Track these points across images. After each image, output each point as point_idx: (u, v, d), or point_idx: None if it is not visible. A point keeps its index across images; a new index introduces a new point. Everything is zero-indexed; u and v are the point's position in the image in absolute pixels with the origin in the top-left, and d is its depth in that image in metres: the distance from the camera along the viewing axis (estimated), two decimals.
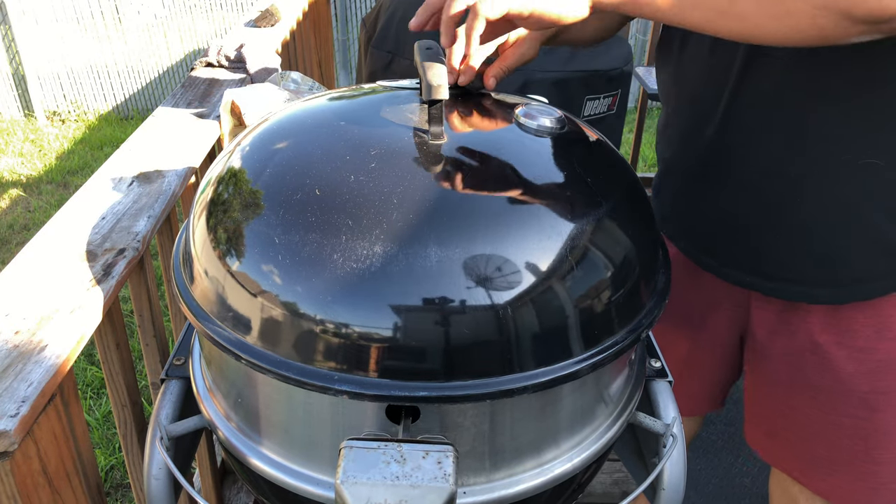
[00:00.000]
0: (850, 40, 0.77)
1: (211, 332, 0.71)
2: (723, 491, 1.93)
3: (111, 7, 5.33)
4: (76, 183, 4.21)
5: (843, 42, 0.77)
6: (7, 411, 0.74)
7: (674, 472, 0.85)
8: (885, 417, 1.05)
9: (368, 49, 1.98)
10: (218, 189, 0.77)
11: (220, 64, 1.93)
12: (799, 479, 1.17)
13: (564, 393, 0.74)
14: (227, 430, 0.81)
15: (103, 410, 2.39)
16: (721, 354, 1.24)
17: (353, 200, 0.68)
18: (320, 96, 0.90)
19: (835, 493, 1.14)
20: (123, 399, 1.08)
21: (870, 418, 1.06)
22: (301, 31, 2.66)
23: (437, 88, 0.75)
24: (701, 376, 1.29)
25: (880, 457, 1.08)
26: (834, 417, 1.08)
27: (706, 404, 1.34)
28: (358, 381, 0.65)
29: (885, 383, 1.03)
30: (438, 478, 0.60)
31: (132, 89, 5.61)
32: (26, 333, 0.86)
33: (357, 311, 0.64)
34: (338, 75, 4.93)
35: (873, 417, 1.05)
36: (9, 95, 5.45)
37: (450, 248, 0.65)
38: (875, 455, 1.08)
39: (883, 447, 1.08)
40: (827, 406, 1.07)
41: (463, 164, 0.75)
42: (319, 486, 0.74)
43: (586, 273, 0.70)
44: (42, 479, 0.81)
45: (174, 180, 1.26)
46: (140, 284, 1.12)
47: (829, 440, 1.10)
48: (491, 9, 0.77)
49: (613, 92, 1.94)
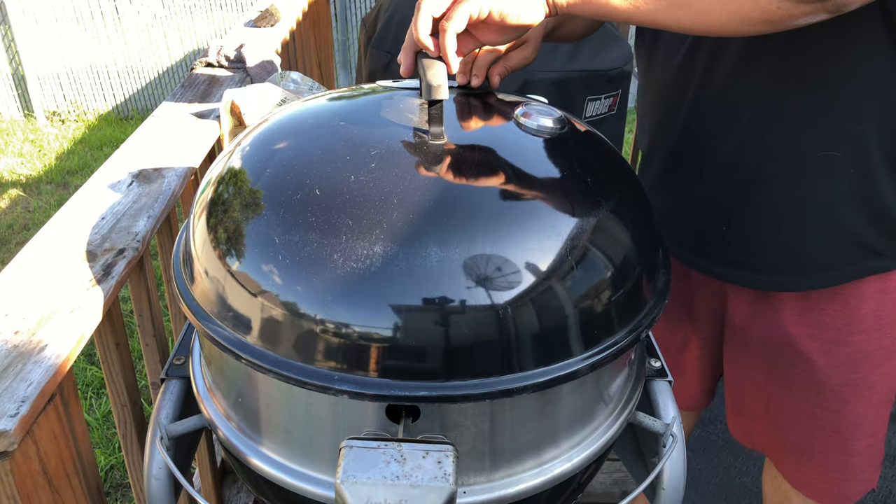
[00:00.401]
0: (796, 22, 0.78)
1: (211, 332, 0.71)
2: (723, 491, 1.93)
3: (111, 7, 5.33)
4: (76, 183, 4.21)
5: (790, 25, 0.79)
6: (7, 411, 0.74)
7: (674, 471, 0.85)
8: (857, 409, 1.07)
9: (368, 49, 1.98)
10: (218, 189, 0.77)
11: (220, 64, 1.93)
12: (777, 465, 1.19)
13: (564, 393, 0.74)
14: (227, 429, 0.81)
15: (103, 410, 2.39)
16: (705, 346, 1.26)
17: (354, 200, 0.68)
18: (320, 96, 0.90)
19: (808, 483, 1.16)
20: (123, 399, 1.08)
21: (841, 410, 1.07)
22: (301, 31, 2.66)
23: (437, 88, 0.75)
24: (689, 370, 1.30)
25: (853, 448, 1.11)
26: (807, 408, 1.09)
27: (696, 399, 1.35)
28: (358, 380, 0.65)
29: (857, 376, 1.05)
30: (438, 477, 0.60)
31: (132, 89, 5.61)
32: (26, 333, 0.86)
33: (357, 311, 0.64)
34: (338, 75, 4.93)
35: (845, 409, 1.07)
36: (9, 95, 5.45)
37: (450, 248, 0.65)
38: (848, 446, 1.10)
39: (855, 438, 1.10)
40: (800, 397, 1.09)
41: (463, 164, 0.75)
42: (319, 485, 0.74)
43: (586, 273, 0.70)
44: (42, 478, 0.81)
45: (174, 180, 1.26)
46: (140, 284, 1.12)
47: (803, 429, 1.12)
48: (456, 22, 0.79)
49: (614, 92, 1.94)
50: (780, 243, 1.01)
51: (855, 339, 1.02)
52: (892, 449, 2.03)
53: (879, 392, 1.07)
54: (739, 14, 0.78)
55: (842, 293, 1.00)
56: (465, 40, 0.86)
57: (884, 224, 0.96)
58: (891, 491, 1.91)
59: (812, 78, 0.91)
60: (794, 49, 0.89)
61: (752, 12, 0.77)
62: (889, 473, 1.96)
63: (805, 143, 0.93)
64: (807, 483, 1.16)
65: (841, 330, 1.02)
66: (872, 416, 1.08)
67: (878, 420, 1.10)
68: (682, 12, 0.80)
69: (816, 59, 0.89)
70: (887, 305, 1.01)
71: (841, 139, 0.92)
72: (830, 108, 0.91)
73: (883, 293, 1.00)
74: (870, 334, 1.02)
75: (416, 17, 0.80)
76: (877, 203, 0.95)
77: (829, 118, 0.91)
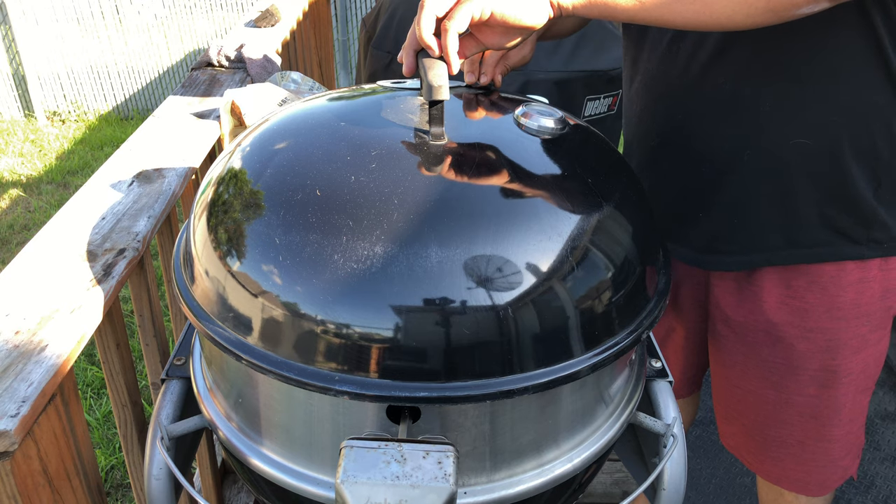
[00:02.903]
0: (798, 11, 0.80)
1: (212, 333, 0.71)
2: (723, 491, 1.93)
3: (111, 7, 5.33)
4: (76, 183, 4.21)
5: (794, 15, 0.80)
6: (7, 411, 0.74)
7: (674, 472, 0.85)
8: (835, 394, 1.09)
9: (368, 49, 1.98)
10: (218, 189, 0.77)
11: (220, 64, 1.93)
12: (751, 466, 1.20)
13: (565, 393, 0.74)
14: (227, 430, 0.81)
15: (104, 410, 2.39)
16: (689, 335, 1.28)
17: (354, 201, 0.68)
18: (320, 96, 0.90)
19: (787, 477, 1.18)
20: (124, 399, 1.08)
21: (820, 395, 1.09)
22: (301, 31, 2.66)
23: (438, 89, 0.75)
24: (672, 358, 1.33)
25: (831, 434, 1.12)
26: (786, 396, 1.11)
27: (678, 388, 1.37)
28: (359, 381, 0.65)
29: (835, 362, 1.06)
30: (439, 478, 0.60)
31: (132, 89, 5.60)
32: (27, 333, 0.86)
33: (358, 312, 0.64)
34: (338, 75, 4.93)
35: (823, 395, 1.09)
36: (9, 95, 5.45)
37: (450, 249, 0.65)
38: (825, 433, 1.12)
39: (834, 424, 1.11)
40: (779, 384, 1.11)
41: (463, 165, 0.75)
42: (320, 486, 0.74)
43: (587, 273, 0.70)
44: (42, 479, 0.81)
45: (174, 180, 1.26)
46: (140, 284, 1.12)
47: (782, 419, 1.13)
48: (458, 22, 0.79)
49: (614, 92, 1.94)
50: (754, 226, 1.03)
51: (834, 325, 1.04)
52: (893, 449, 2.03)
53: (857, 379, 1.09)
54: (744, 4, 0.78)
55: (821, 281, 1.02)
56: (467, 43, 0.86)
57: (856, 212, 0.98)
58: (891, 491, 1.91)
59: (788, 68, 0.93)
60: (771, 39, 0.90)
61: (757, 1, 0.78)
62: (889, 473, 1.96)
63: (779, 131, 0.96)
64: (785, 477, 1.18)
65: (821, 317, 1.04)
66: (850, 402, 1.10)
67: (857, 407, 1.12)
68: (686, 6, 0.81)
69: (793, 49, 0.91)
70: (866, 294, 1.02)
71: (813, 129, 0.94)
72: (804, 99, 0.93)
73: (862, 282, 1.02)
74: (849, 322, 1.04)
75: (418, 16, 0.80)
76: (850, 192, 0.97)
77: (803, 109, 0.94)
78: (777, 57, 0.92)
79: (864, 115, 0.93)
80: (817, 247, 1.01)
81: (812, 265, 1.02)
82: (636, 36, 1.10)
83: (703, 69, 0.98)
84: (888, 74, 0.90)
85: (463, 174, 0.73)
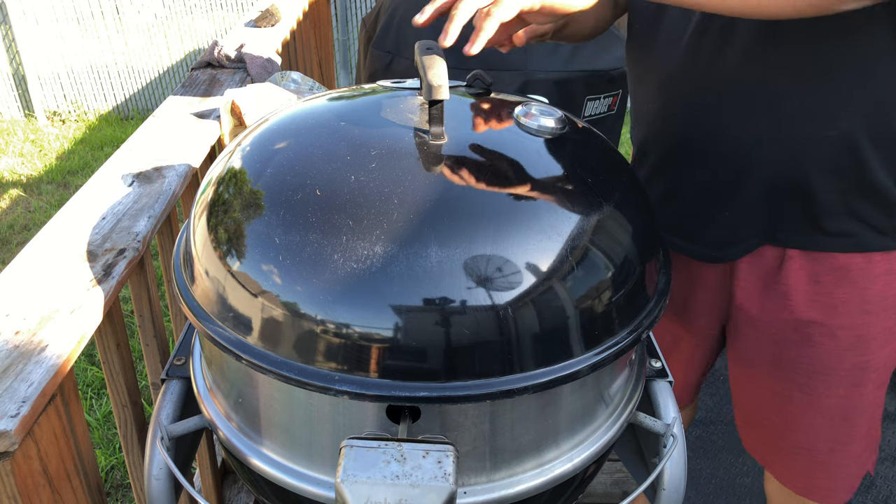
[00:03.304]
0: (845, 6, 0.79)
1: (212, 333, 0.71)
2: (723, 491, 1.93)
3: (111, 7, 5.33)
4: (76, 183, 4.21)
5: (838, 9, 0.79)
6: (7, 411, 0.74)
7: (674, 472, 0.85)
8: (864, 392, 1.08)
9: (368, 49, 1.98)
10: (218, 189, 0.77)
11: (220, 64, 1.93)
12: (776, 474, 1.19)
13: (565, 393, 0.74)
14: (227, 430, 0.81)
15: (104, 410, 2.39)
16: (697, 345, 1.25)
17: (354, 201, 0.68)
18: (320, 96, 0.90)
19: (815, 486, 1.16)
20: (124, 399, 1.08)
21: (849, 395, 1.08)
22: (301, 31, 2.66)
23: (438, 88, 0.75)
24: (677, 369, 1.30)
25: (856, 434, 1.12)
26: (815, 399, 1.10)
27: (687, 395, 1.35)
28: (359, 381, 0.65)
29: (864, 358, 1.06)
30: (438, 477, 0.60)
31: (132, 89, 5.60)
32: (27, 333, 0.86)
33: (358, 312, 0.64)
34: (338, 75, 4.93)
35: (852, 394, 1.08)
36: (9, 95, 5.45)
37: (450, 249, 0.65)
38: (853, 434, 1.11)
39: (859, 423, 1.11)
40: (809, 387, 1.09)
41: (463, 165, 0.75)
42: (320, 486, 0.74)
43: (587, 273, 0.70)
44: (42, 479, 0.81)
45: (174, 180, 1.26)
46: (140, 285, 1.12)
47: (812, 425, 1.12)
48: (505, 11, 0.78)
49: (614, 92, 1.94)
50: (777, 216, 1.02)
51: (862, 320, 1.03)
52: (893, 449, 2.03)
53: (881, 373, 1.08)
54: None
55: (850, 275, 1.01)
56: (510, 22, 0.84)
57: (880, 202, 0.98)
58: (891, 491, 1.91)
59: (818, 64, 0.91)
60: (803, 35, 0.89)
61: None
62: (889, 473, 1.96)
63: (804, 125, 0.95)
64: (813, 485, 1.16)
65: (850, 312, 1.03)
66: (872, 398, 1.10)
67: (876, 402, 1.11)
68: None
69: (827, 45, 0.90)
70: (892, 286, 1.02)
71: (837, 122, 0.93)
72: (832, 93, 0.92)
73: (889, 273, 1.01)
74: (877, 315, 1.03)
75: None
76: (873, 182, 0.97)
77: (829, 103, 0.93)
78: (809, 53, 0.91)
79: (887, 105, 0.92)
80: (844, 237, 1.00)
81: (840, 256, 1.01)
82: (645, 34, 1.08)
83: (732, 67, 0.96)
84: None
85: (463, 174, 0.73)
